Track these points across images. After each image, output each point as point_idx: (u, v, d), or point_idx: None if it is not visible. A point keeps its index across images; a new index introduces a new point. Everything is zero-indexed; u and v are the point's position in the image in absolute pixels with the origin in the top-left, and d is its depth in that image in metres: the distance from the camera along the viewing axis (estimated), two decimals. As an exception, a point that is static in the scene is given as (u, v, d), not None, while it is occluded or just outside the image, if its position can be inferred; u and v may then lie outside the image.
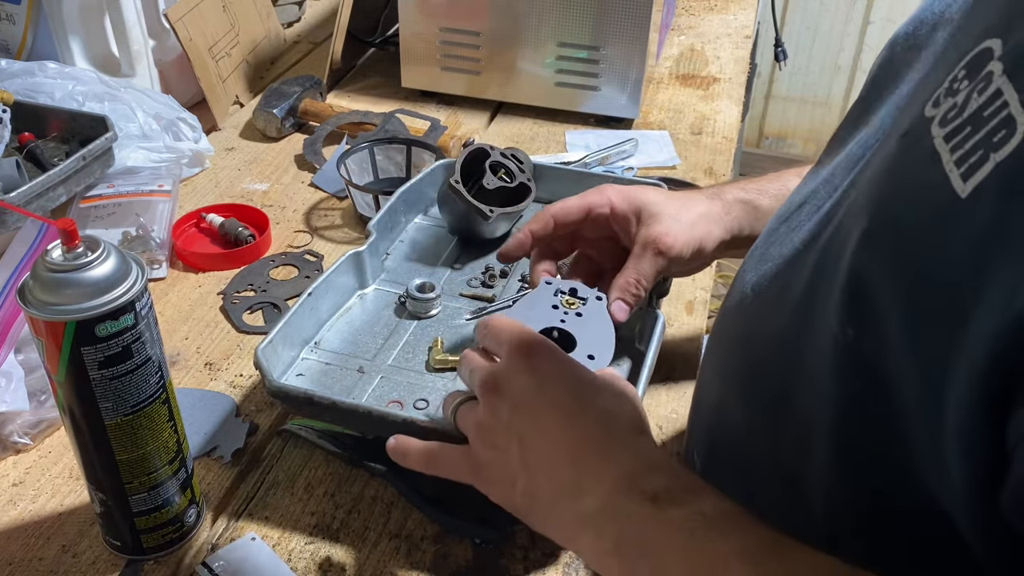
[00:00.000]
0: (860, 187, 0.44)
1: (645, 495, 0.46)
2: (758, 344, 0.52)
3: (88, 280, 0.51)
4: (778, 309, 0.49)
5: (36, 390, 0.70)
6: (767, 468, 0.50)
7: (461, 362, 0.58)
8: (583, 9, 1.14)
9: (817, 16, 2.75)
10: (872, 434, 0.40)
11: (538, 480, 0.51)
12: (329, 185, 1.06)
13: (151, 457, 0.57)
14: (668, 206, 0.70)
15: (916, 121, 0.39)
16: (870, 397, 0.39)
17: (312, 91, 1.20)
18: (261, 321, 0.85)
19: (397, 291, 0.81)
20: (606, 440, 0.50)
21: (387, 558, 0.62)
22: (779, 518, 0.48)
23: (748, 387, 0.53)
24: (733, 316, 0.57)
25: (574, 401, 0.51)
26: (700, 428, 0.62)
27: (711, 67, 1.38)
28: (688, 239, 0.69)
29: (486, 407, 0.54)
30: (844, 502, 0.44)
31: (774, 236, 0.54)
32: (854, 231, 0.40)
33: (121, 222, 0.94)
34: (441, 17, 1.19)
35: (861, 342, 0.39)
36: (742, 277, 0.56)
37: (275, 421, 0.74)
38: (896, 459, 0.38)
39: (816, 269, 0.45)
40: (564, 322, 0.64)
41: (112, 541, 0.62)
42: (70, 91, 1.01)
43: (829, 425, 0.43)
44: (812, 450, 0.44)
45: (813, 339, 0.43)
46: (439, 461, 0.57)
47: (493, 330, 0.56)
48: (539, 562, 0.62)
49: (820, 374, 0.42)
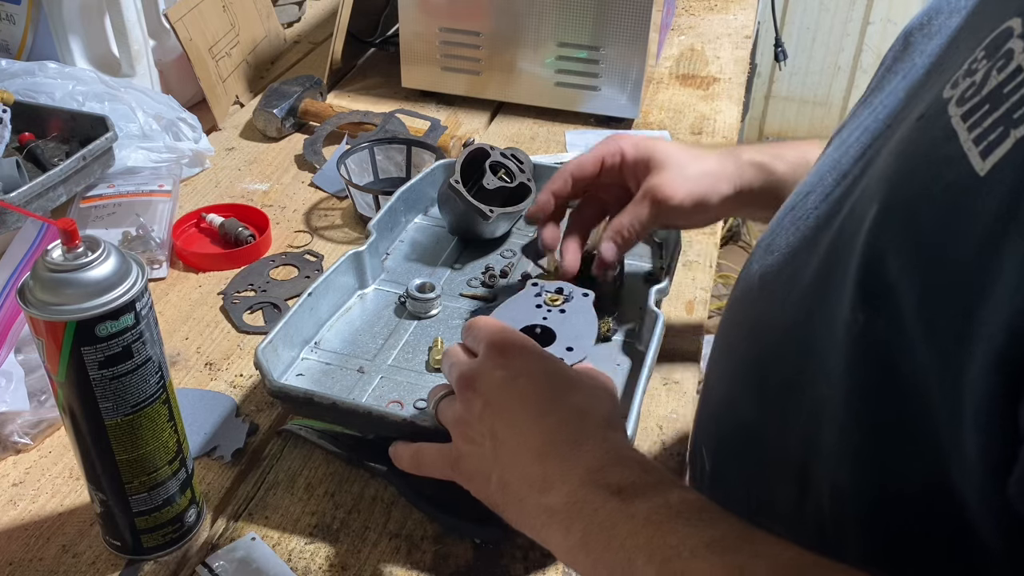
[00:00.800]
0: (873, 171, 0.44)
1: (611, 488, 0.46)
2: (767, 334, 0.52)
3: (88, 280, 0.51)
4: (787, 297, 0.49)
5: (36, 390, 0.70)
6: (775, 464, 0.50)
7: (444, 358, 0.59)
8: (583, 9, 1.14)
9: (817, 16, 2.75)
10: (885, 419, 0.39)
11: (509, 474, 0.51)
12: (329, 185, 1.06)
13: (151, 457, 0.57)
14: (678, 157, 0.71)
15: (933, 103, 0.39)
16: (883, 381, 0.39)
17: (312, 91, 1.20)
18: (261, 321, 0.85)
19: (397, 291, 0.81)
20: (574, 435, 0.50)
21: (387, 558, 0.62)
22: (785, 517, 0.48)
23: (757, 378, 0.53)
24: (740, 307, 0.57)
25: (544, 396, 0.52)
26: (707, 425, 0.62)
27: (711, 67, 1.38)
28: (690, 191, 0.70)
29: (462, 402, 0.55)
30: (851, 495, 0.43)
31: (780, 227, 0.54)
32: (868, 212, 0.40)
33: (121, 222, 0.93)
34: (441, 17, 1.19)
35: (873, 325, 0.39)
36: (748, 268, 0.56)
37: (275, 421, 0.74)
38: (909, 443, 0.38)
39: (827, 255, 0.45)
40: (546, 319, 0.66)
41: (112, 541, 0.62)
42: (70, 91, 1.01)
43: (841, 412, 0.42)
44: (821, 440, 0.44)
45: (824, 325, 0.43)
46: (423, 460, 0.59)
47: (473, 329, 0.58)
48: (539, 562, 0.62)
49: (832, 361, 0.42)
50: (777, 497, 0.49)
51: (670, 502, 0.44)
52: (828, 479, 0.44)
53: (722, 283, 2.52)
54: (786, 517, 0.48)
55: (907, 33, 0.52)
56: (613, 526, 0.45)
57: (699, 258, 0.94)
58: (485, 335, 0.56)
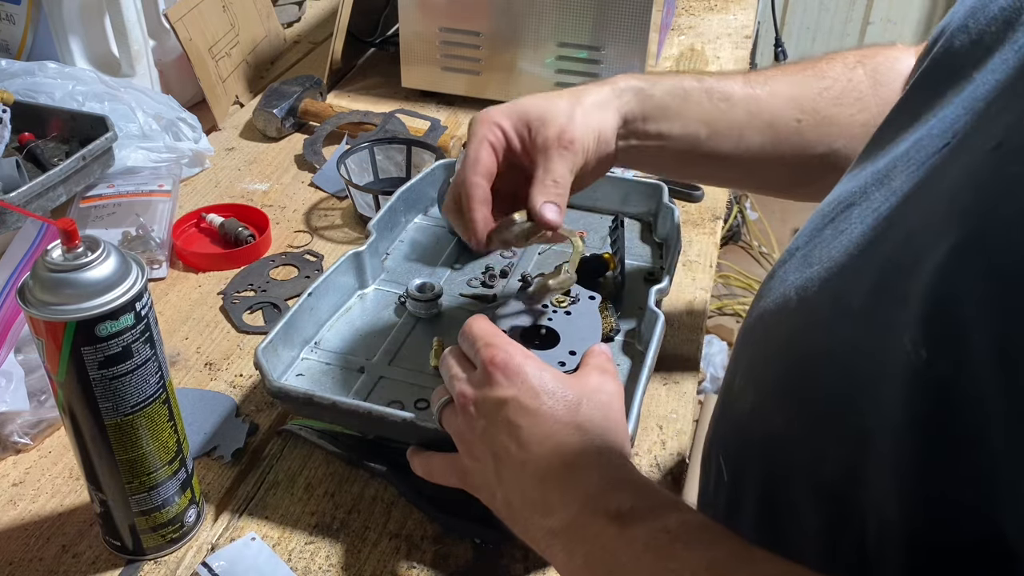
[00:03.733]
0: (936, 195, 0.41)
1: (610, 514, 0.47)
2: (807, 352, 0.49)
3: (88, 280, 0.51)
4: (832, 318, 0.47)
5: (36, 390, 0.70)
6: (806, 483, 0.48)
7: (442, 362, 0.59)
8: (583, 9, 1.14)
9: (817, 16, 2.75)
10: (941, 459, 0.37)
11: (511, 495, 0.53)
12: (329, 185, 1.06)
13: (151, 457, 0.57)
14: (556, 107, 0.66)
15: (1011, 131, 0.37)
16: (943, 419, 0.37)
17: (312, 91, 1.20)
18: (261, 321, 0.85)
19: (397, 291, 0.81)
20: (574, 459, 0.51)
21: (387, 558, 0.62)
22: (809, 536, 0.46)
23: (793, 394, 0.51)
24: (774, 319, 0.54)
25: (544, 419, 0.52)
26: (729, 432, 0.60)
27: (711, 67, 1.38)
28: (585, 129, 0.66)
29: (463, 420, 0.56)
30: (896, 535, 0.41)
31: (819, 238, 0.51)
32: (936, 246, 0.37)
33: (121, 222, 0.94)
34: (441, 17, 1.19)
35: (936, 364, 0.37)
36: (783, 279, 0.53)
37: (275, 421, 0.74)
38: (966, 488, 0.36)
39: (880, 279, 0.42)
40: (551, 320, 0.66)
41: (112, 541, 0.62)
42: (70, 91, 1.01)
43: (889, 444, 0.40)
44: (866, 472, 0.42)
45: (876, 355, 0.41)
46: (432, 469, 0.61)
47: (470, 336, 0.58)
48: (539, 562, 0.62)
49: (883, 392, 0.40)
50: (802, 514, 0.47)
51: (668, 526, 0.45)
52: (874, 513, 0.42)
53: (722, 283, 2.52)
54: (810, 537, 0.47)
55: (949, 36, 0.49)
56: (614, 552, 0.46)
57: (699, 258, 0.94)
58: (482, 346, 0.56)
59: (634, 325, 0.77)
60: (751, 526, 0.51)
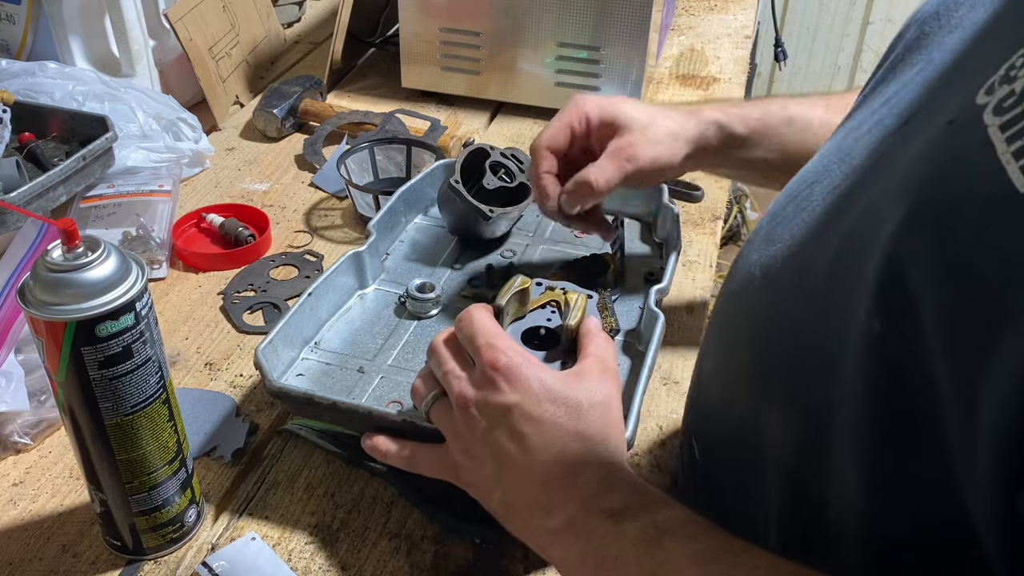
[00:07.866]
0: (892, 171, 0.42)
1: (605, 513, 0.49)
2: (770, 330, 0.51)
3: (88, 280, 0.51)
4: (793, 294, 0.48)
5: (36, 390, 0.70)
6: (770, 463, 0.49)
7: (431, 353, 0.59)
8: (583, 9, 1.14)
9: (817, 16, 2.75)
10: (897, 427, 0.38)
11: (513, 497, 0.54)
12: (329, 185, 1.06)
13: (151, 457, 0.57)
14: (641, 119, 0.73)
15: (965, 108, 0.37)
16: (897, 389, 0.38)
17: (312, 91, 1.20)
18: (261, 321, 0.85)
19: (397, 291, 0.81)
20: (575, 465, 0.53)
21: (387, 558, 0.62)
22: (780, 519, 0.48)
23: (756, 374, 0.52)
24: (738, 299, 0.55)
25: (546, 425, 0.53)
26: (699, 417, 0.62)
27: (711, 67, 1.38)
28: (654, 154, 0.72)
29: (462, 419, 0.56)
30: (857, 506, 0.42)
31: (781, 215, 0.52)
32: (888, 216, 0.38)
33: (121, 222, 0.94)
34: (441, 17, 1.19)
35: (887, 335, 0.38)
36: (746, 258, 0.55)
37: (275, 421, 0.74)
38: (923, 455, 0.37)
39: (838, 255, 0.43)
40: (550, 320, 0.66)
41: (112, 541, 0.62)
42: (70, 91, 1.01)
43: (851, 416, 0.41)
44: (823, 446, 0.43)
45: (835, 328, 0.42)
46: (417, 460, 0.61)
47: (468, 329, 0.57)
48: (539, 562, 0.62)
49: (841, 366, 0.41)
50: (771, 496, 0.49)
51: (657, 521, 0.47)
52: (835, 491, 0.43)
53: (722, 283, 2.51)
54: (780, 519, 0.48)
55: (920, 21, 0.50)
56: (607, 546, 0.48)
57: (699, 258, 0.94)
58: (484, 347, 0.55)
59: (634, 325, 0.77)
60: (723, 509, 0.52)
